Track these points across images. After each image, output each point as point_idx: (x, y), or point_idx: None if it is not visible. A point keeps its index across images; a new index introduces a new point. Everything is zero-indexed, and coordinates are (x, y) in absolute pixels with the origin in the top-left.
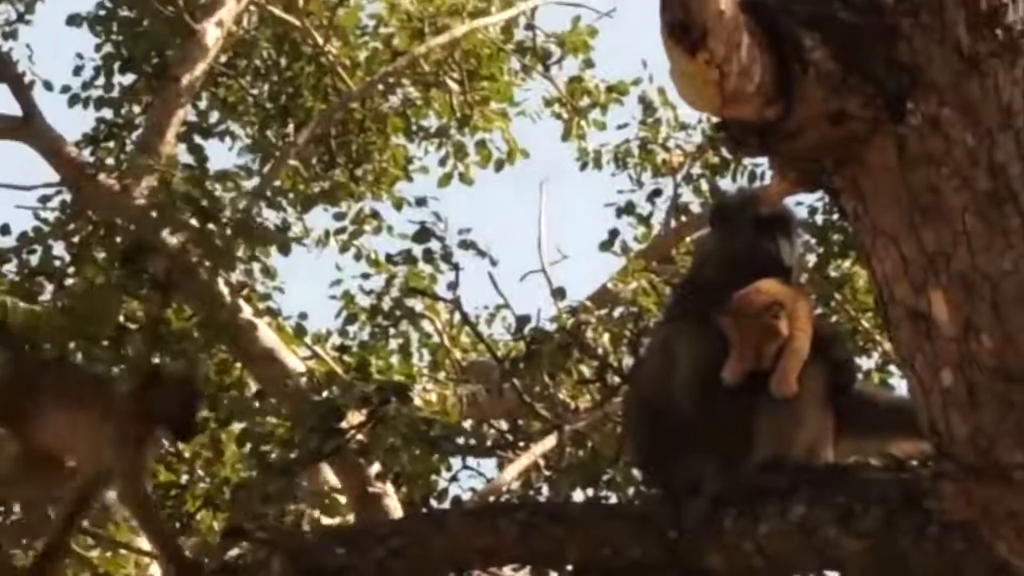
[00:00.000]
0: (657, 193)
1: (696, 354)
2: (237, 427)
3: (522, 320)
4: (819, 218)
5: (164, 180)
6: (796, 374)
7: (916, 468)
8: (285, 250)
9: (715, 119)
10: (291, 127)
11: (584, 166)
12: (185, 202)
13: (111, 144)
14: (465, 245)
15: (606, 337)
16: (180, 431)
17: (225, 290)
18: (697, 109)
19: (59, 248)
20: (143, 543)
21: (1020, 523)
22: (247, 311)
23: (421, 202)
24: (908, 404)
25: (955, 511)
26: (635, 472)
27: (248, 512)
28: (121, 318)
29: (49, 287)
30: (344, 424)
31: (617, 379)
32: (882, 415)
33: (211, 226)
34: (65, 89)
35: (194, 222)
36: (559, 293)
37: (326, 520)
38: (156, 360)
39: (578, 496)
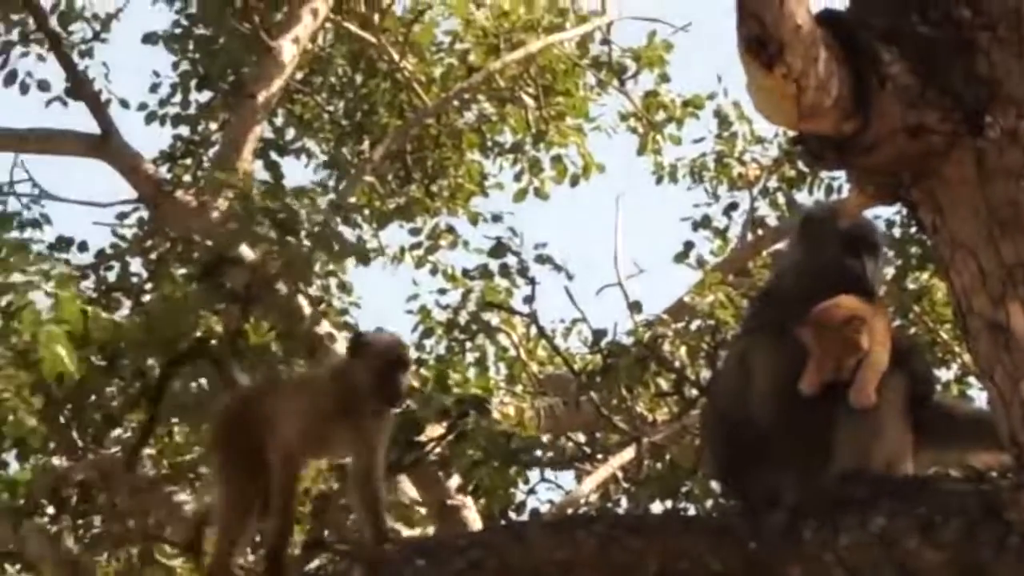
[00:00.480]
0: (733, 206)
1: (774, 366)
2: None
3: (598, 334)
4: (897, 231)
5: (243, 194)
6: (875, 386)
7: (996, 480)
8: (364, 261)
9: (792, 133)
10: (366, 143)
11: (660, 180)
12: (264, 215)
13: (188, 161)
14: (541, 259)
15: (683, 350)
16: (388, 399)
17: (304, 303)
18: (774, 123)
19: (136, 264)
20: None
21: None
22: (325, 325)
23: (497, 218)
24: (988, 416)
25: None
26: (713, 484)
27: (329, 524)
28: (199, 332)
29: (127, 303)
30: (423, 437)
31: (694, 392)
32: (962, 427)
33: (290, 239)
34: (142, 107)
35: (273, 235)
36: (635, 307)
37: (406, 532)
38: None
39: (656, 508)
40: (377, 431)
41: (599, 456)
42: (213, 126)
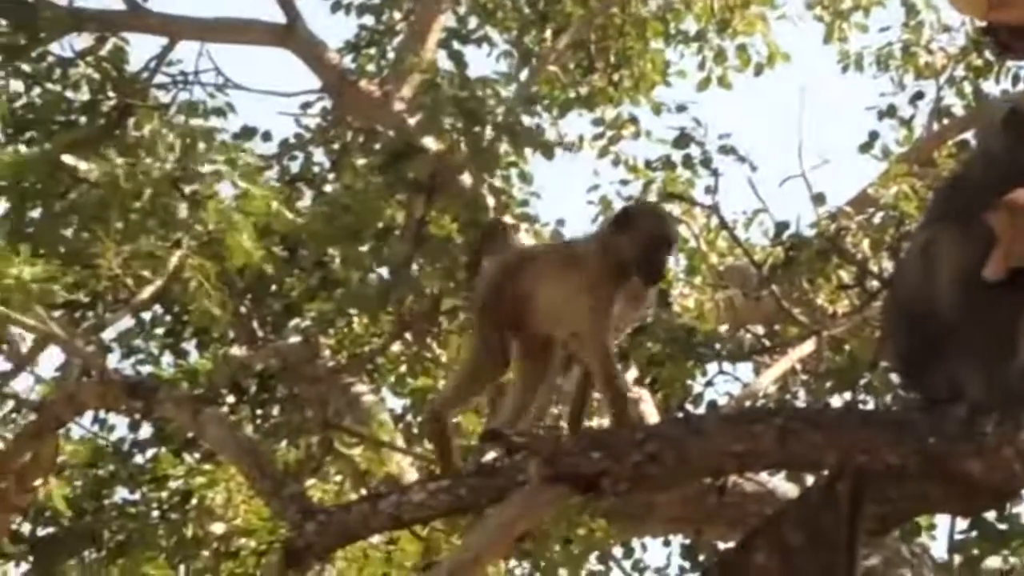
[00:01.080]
0: (919, 96)
1: (959, 256)
2: None
3: (781, 226)
4: None
5: (430, 83)
6: None
7: None
8: (549, 153)
9: (980, 22)
10: (549, 32)
11: (845, 69)
12: (452, 104)
13: (372, 51)
14: (725, 150)
15: (866, 242)
16: (649, 276)
17: (487, 193)
18: (963, 13)
19: (319, 155)
20: (401, 440)
21: None
22: (507, 217)
23: (681, 108)
24: None
25: None
26: (893, 377)
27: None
28: (382, 222)
29: (309, 193)
30: None
31: (876, 284)
32: None
33: (476, 129)
34: None
35: (459, 124)
36: (819, 199)
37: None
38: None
39: (835, 402)
40: (639, 308)
41: (778, 349)
42: (397, 15)
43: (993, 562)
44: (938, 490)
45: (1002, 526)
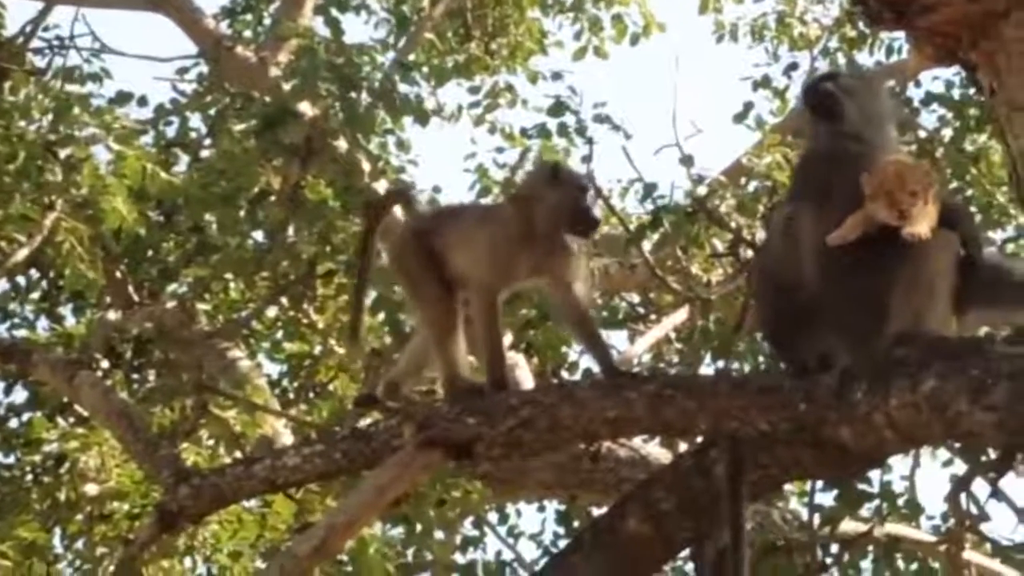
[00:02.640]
0: (793, 67)
1: (821, 232)
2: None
3: (649, 188)
4: (956, 92)
5: (306, 48)
6: (928, 227)
7: None
8: (423, 120)
9: None
10: (426, 1)
11: (720, 39)
12: (328, 70)
13: (248, 16)
14: (600, 119)
15: (739, 212)
16: (588, 225)
17: (363, 158)
18: None
19: (196, 120)
20: (277, 404)
21: None
22: (382, 184)
23: (557, 76)
24: None
25: None
26: (765, 345)
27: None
28: (258, 187)
29: (185, 158)
30: None
31: (750, 253)
32: (1013, 286)
33: (352, 94)
34: None
35: (335, 90)
36: (687, 160)
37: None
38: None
39: (708, 369)
40: (571, 263)
41: (652, 316)
42: None
43: (850, 525)
44: (810, 456)
45: (865, 487)
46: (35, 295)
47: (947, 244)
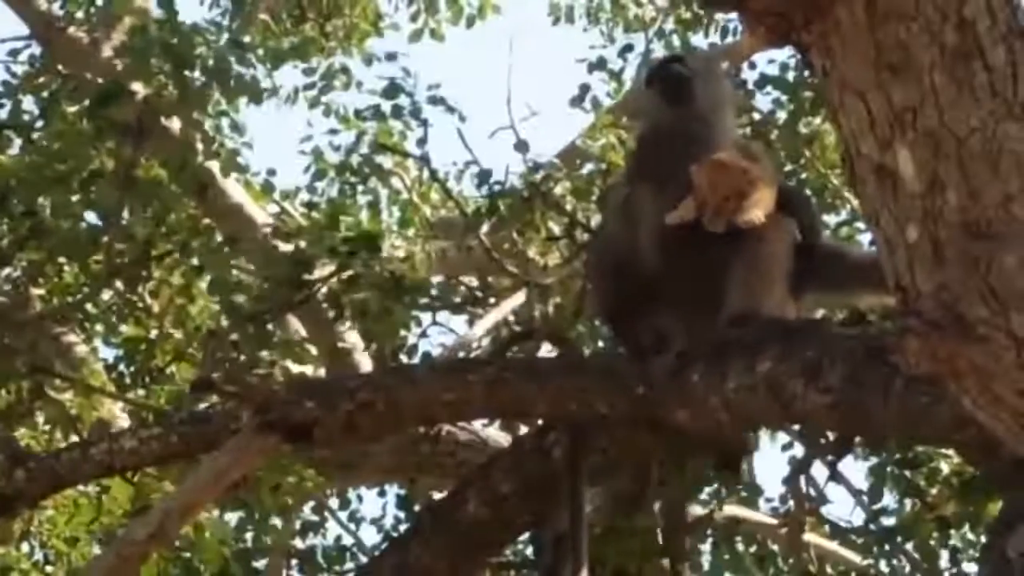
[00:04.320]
0: (629, 48)
1: (657, 214)
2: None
3: (484, 173)
4: (790, 75)
5: (139, 27)
6: (763, 211)
7: (881, 323)
8: (257, 100)
9: None
10: None
11: (556, 21)
12: (160, 48)
13: None
14: (434, 101)
15: (574, 194)
16: None
17: (198, 137)
18: None
19: (29, 103)
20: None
21: (983, 377)
22: (216, 167)
23: (391, 57)
24: (874, 259)
25: (920, 366)
26: (602, 327)
27: (219, 363)
28: (91, 168)
29: (18, 141)
30: (314, 275)
31: (586, 236)
32: (849, 270)
33: (185, 72)
34: None
35: (168, 68)
36: (522, 146)
37: (297, 369)
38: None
39: (547, 352)
40: None
41: (491, 300)
42: None
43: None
44: (648, 439)
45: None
46: None
47: (783, 227)
